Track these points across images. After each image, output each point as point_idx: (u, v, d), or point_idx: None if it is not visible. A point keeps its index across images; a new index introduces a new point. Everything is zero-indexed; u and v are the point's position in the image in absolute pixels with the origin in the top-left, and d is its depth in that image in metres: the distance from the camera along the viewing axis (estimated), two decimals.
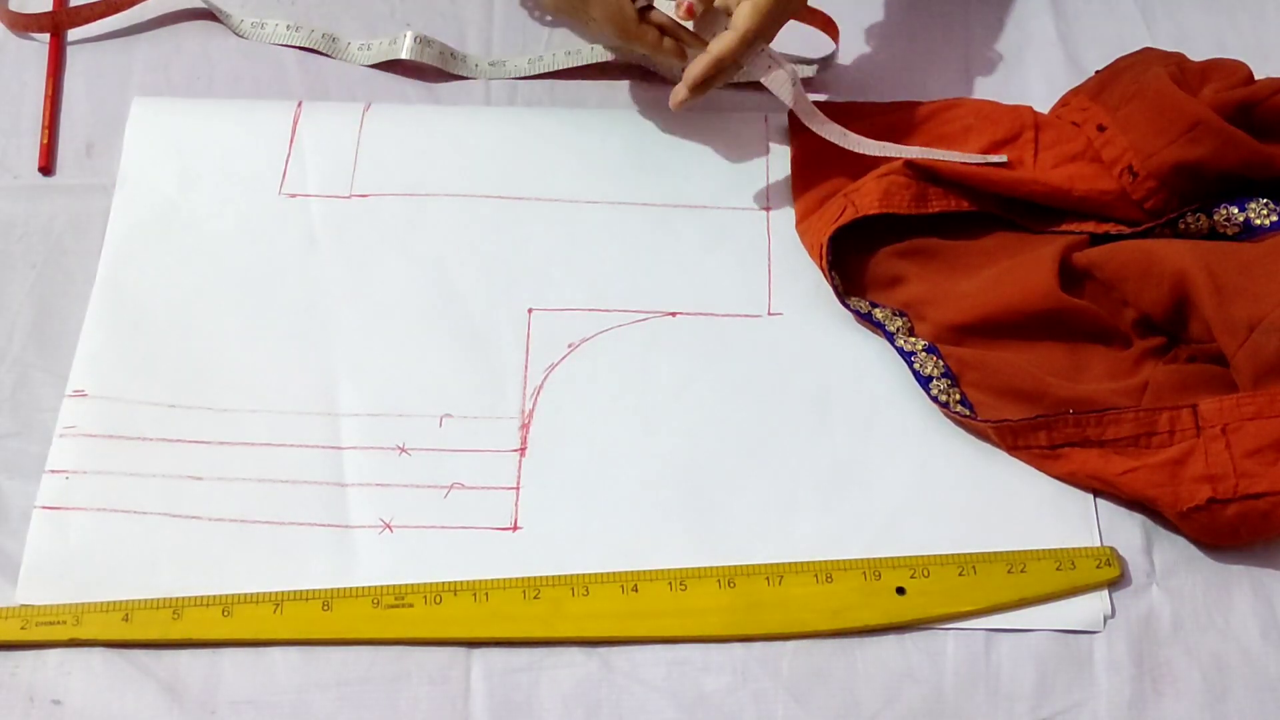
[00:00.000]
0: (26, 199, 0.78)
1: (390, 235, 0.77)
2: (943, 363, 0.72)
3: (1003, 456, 0.70)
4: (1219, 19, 0.89)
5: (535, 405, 0.71)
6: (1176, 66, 0.77)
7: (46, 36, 0.84)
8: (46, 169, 0.79)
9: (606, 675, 0.63)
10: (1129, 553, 0.67)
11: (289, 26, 0.85)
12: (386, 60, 0.83)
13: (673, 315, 0.75)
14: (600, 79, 0.84)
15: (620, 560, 0.66)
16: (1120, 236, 0.75)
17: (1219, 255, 0.71)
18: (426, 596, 0.65)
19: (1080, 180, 0.75)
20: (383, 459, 0.69)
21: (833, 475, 0.69)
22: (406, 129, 0.81)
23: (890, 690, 0.63)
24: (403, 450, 0.70)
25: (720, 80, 0.77)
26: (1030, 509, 0.68)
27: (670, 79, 0.82)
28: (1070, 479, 0.69)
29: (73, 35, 0.85)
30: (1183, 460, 0.66)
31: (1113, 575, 0.66)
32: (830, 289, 0.74)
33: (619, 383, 0.72)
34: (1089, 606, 0.65)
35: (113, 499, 0.67)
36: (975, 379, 0.71)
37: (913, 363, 0.72)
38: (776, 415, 0.71)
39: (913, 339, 0.73)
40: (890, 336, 0.73)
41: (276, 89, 0.83)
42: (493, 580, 0.65)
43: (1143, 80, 0.76)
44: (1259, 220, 0.73)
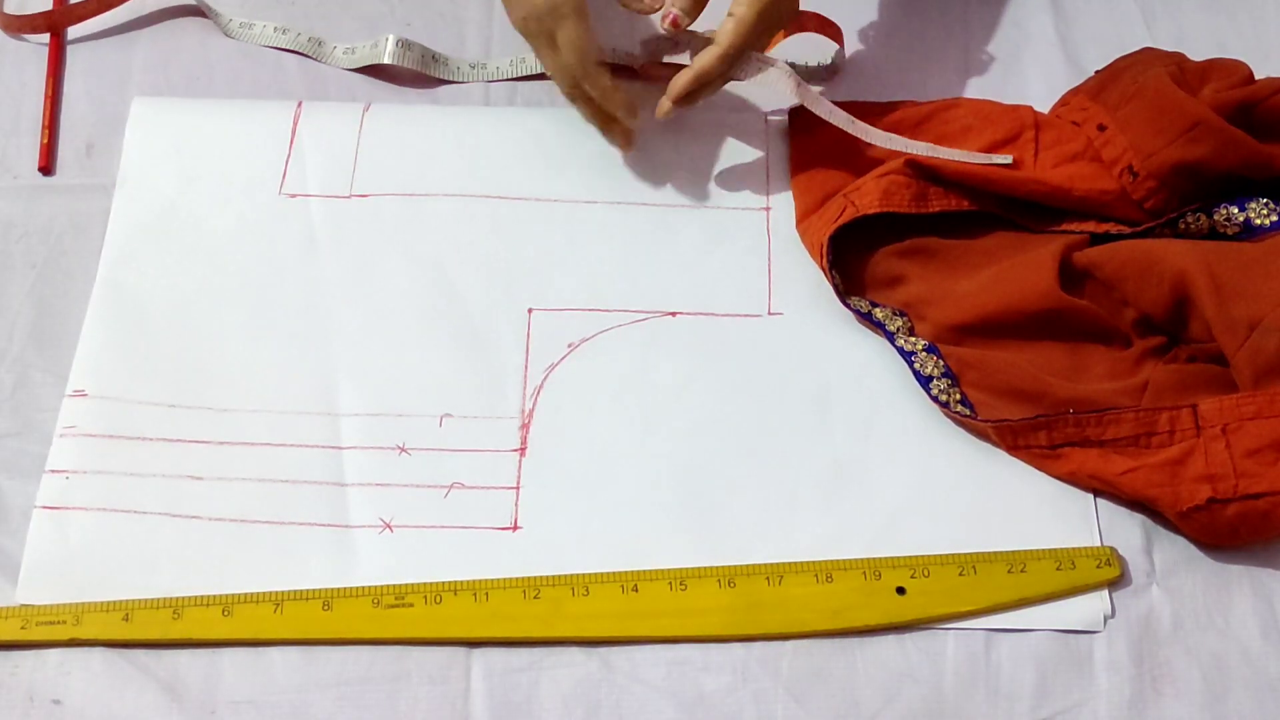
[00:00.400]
0: (26, 199, 0.78)
1: (390, 235, 0.77)
2: (943, 362, 0.72)
3: (1003, 456, 0.70)
4: (1219, 19, 0.89)
5: (535, 405, 0.71)
6: (1176, 66, 0.77)
7: (46, 37, 0.84)
8: (46, 169, 0.79)
9: (606, 675, 0.63)
10: (1129, 553, 0.67)
11: (276, 29, 0.85)
12: (370, 65, 0.83)
13: (673, 315, 0.75)
14: None
15: (620, 560, 0.66)
16: (1120, 236, 0.75)
17: (1219, 255, 0.71)
18: (426, 596, 0.65)
19: (1080, 180, 0.75)
20: (383, 459, 0.69)
21: (833, 475, 0.69)
22: (406, 129, 0.81)
23: (890, 690, 0.63)
24: (403, 450, 0.70)
25: (705, 94, 0.77)
26: (1030, 509, 0.68)
27: (609, 127, 0.80)
28: (1070, 479, 0.69)
29: (72, 35, 0.85)
30: (1183, 460, 0.66)
31: (1113, 575, 0.66)
32: (830, 288, 0.74)
33: (619, 383, 0.72)
34: (1089, 606, 0.65)
35: (113, 499, 0.67)
36: (975, 379, 0.71)
37: (913, 362, 0.71)
38: (776, 415, 0.71)
39: (913, 339, 0.73)
40: (890, 336, 0.73)
41: (276, 89, 0.83)
42: (493, 580, 0.65)
43: (1143, 80, 0.76)
44: (1259, 220, 0.73)
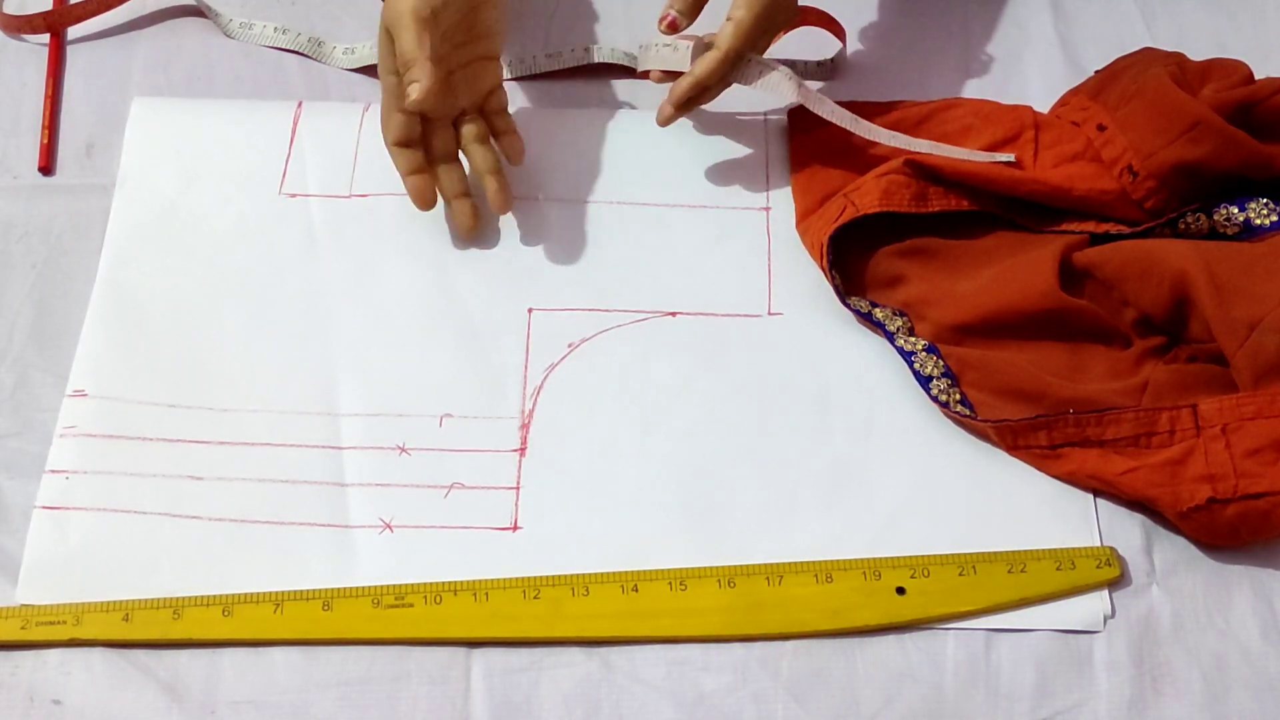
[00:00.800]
0: (26, 199, 0.78)
1: (390, 235, 0.77)
2: (943, 362, 0.71)
3: (1003, 456, 0.70)
4: (1219, 19, 0.89)
5: (535, 405, 0.71)
6: (1176, 66, 0.77)
7: (46, 37, 0.84)
8: (46, 169, 0.79)
9: (606, 675, 0.63)
10: (1129, 553, 0.67)
11: (276, 29, 0.85)
12: (370, 65, 0.83)
13: (673, 315, 0.75)
14: (598, 79, 0.84)
15: (620, 560, 0.66)
16: (1120, 236, 0.75)
17: (1219, 255, 0.71)
18: (426, 596, 0.65)
19: (1080, 180, 0.75)
20: (383, 459, 0.69)
21: (833, 475, 0.69)
22: None
23: (890, 690, 0.63)
24: (403, 450, 0.70)
25: (706, 99, 0.77)
26: (1030, 509, 0.68)
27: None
28: (1070, 479, 0.69)
29: (72, 35, 0.85)
30: (1183, 460, 0.66)
31: (1113, 575, 0.66)
32: (830, 288, 0.74)
33: (619, 383, 0.72)
34: (1089, 606, 0.65)
35: (113, 499, 0.67)
36: (975, 379, 0.71)
37: (913, 362, 0.71)
38: (776, 415, 0.71)
39: (913, 339, 0.72)
40: (890, 336, 0.73)
41: (277, 89, 0.83)
42: (493, 580, 0.65)
43: (1143, 80, 0.76)
44: (1259, 220, 0.73)
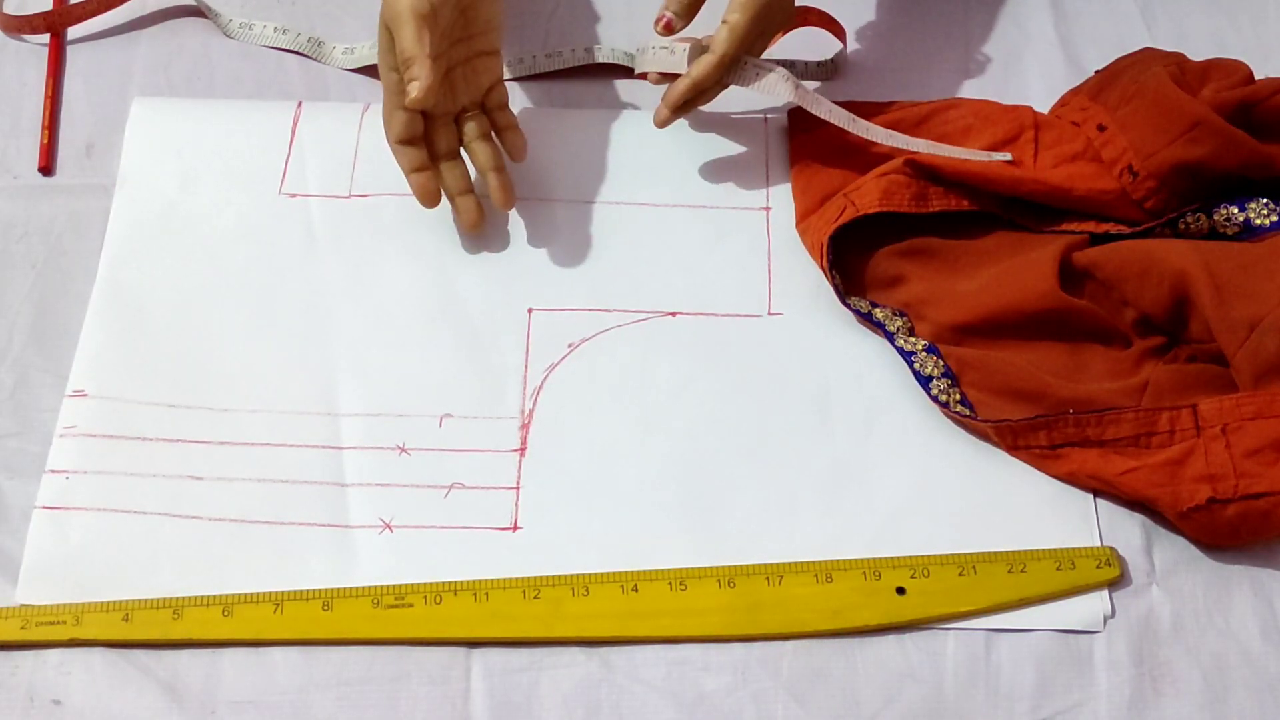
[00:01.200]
0: (26, 199, 0.78)
1: (390, 235, 0.77)
2: (943, 362, 0.71)
3: (1003, 456, 0.70)
4: (1219, 19, 0.89)
5: (535, 405, 0.71)
6: (1176, 66, 0.77)
7: (46, 37, 0.84)
8: (46, 169, 0.79)
9: (606, 675, 0.63)
10: (1129, 553, 0.67)
11: (276, 29, 0.85)
12: (370, 65, 0.83)
13: (673, 315, 0.75)
14: (598, 79, 0.84)
15: (620, 560, 0.66)
16: (1120, 236, 0.75)
17: (1219, 255, 0.71)
18: (426, 596, 0.65)
19: (1080, 180, 0.75)
20: (383, 459, 0.69)
21: (833, 475, 0.69)
22: None
23: (890, 690, 0.63)
24: (403, 450, 0.70)
25: (702, 101, 0.77)
26: (1030, 509, 0.68)
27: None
28: (1070, 479, 0.69)
29: (72, 35, 0.85)
30: (1183, 460, 0.66)
31: (1113, 575, 0.66)
32: (830, 288, 0.74)
33: (619, 383, 0.72)
34: (1089, 606, 0.65)
35: (113, 499, 0.67)
36: (975, 379, 0.71)
37: (913, 362, 0.71)
38: (776, 415, 0.71)
39: (913, 339, 0.72)
40: (890, 336, 0.73)
41: (277, 89, 0.83)
42: (493, 580, 0.65)
43: (1143, 80, 0.76)
44: (1259, 220, 0.73)
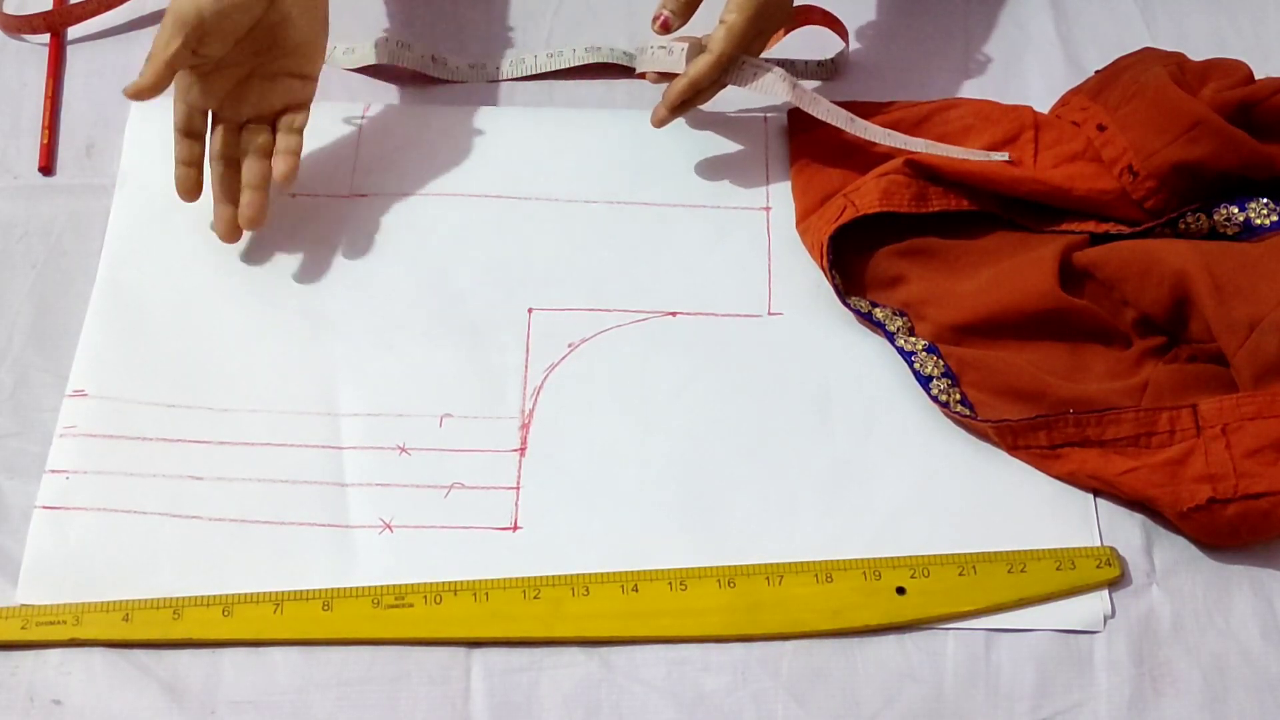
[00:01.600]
0: (26, 199, 0.78)
1: (390, 235, 0.77)
2: (943, 362, 0.71)
3: (1003, 456, 0.70)
4: (1219, 19, 0.89)
5: (535, 405, 0.71)
6: (1176, 66, 0.77)
7: (46, 37, 0.84)
8: (46, 169, 0.79)
9: (606, 675, 0.63)
10: (1129, 553, 0.67)
11: None
12: (370, 65, 0.83)
13: (673, 315, 0.75)
14: (599, 79, 0.84)
15: (620, 560, 0.66)
16: (1120, 236, 0.75)
17: (1219, 255, 0.71)
18: (426, 596, 0.65)
19: (1080, 180, 0.75)
20: (383, 459, 0.69)
21: (833, 475, 0.69)
22: (406, 129, 0.81)
23: (890, 690, 0.63)
24: (403, 450, 0.70)
25: (700, 101, 0.77)
26: (1030, 509, 0.68)
27: None
28: (1070, 479, 0.69)
29: (72, 35, 0.85)
30: (1183, 460, 0.66)
31: (1113, 575, 0.66)
32: (830, 288, 0.74)
33: (619, 383, 0.72)
34: (1089, 606, 0.65)
35: (113, 499, 0.67)
36: (975, 379, 0.71)
37: (913, 362, 0.71)
38: (776, 415, 0.71)
39: (913, 339, 0.72)
40: (890, 336, 0.73)
41: None
42: (493, 580, 0.65)
43: (1143, 80, 0.76)
44: (1259, 220, 0.73)
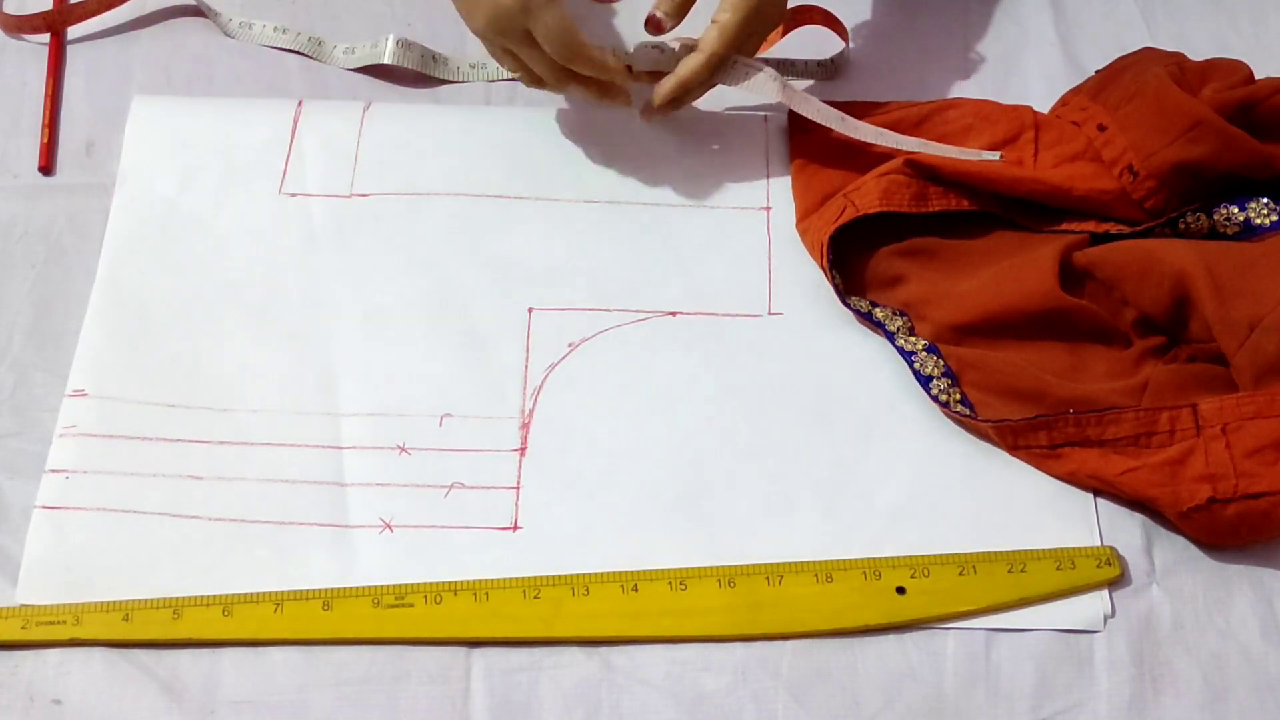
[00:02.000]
0: (26, 199, 0.78)
1: (390, 235, 0.77)
2: (943, 362, 0.71)
3: (1003, 456, 0.70)
4: (1219, 19, 0.89)
5: (535, 405, 0.71)
6: (1177, 66, 0.77)
7: (46, 37, 0.84)
8: (46, 169, 0.79)
9: (606, 675, 0.63)
10: (1129, 553, 0.67)
11: (276, 28, 0.85)
12: (370, 65, 0.83)
13: (673, 315, 0.75)
14: None
15: (620, 560, 0.66)
16: (1120, 236, 0.75)
17: (1219, 255, 0.71)
18: (426, 596, 0.65)
19: (1080, 180, 0.75)
20: (383, 459, 0.69)
21: (833, 475, 0.69)
22: (407, 129, 0.81)
23: (890, 690, 0.63)
24: (403, 450, 0.70)
25: (689, 100, 0.77)
26: (1030, 509, 0.68)
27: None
28: (1070, 479, 0.69)
29: (72, 34, 0.85)
30: (1183, 460, 0.66)
31: (1113, 575, 0.66)
32: (830, 288, 0.74)
33: (619, 383, 0.72)
34: (1089, 606, 0.65)
35: (113, 499, 0.67)
36: (975, 379, 0.71)
37: (913, 362, 0.71)
38: (776, 415, 0.71)
39: (913, 338, 0.72)
40: (890, 336, 0.73)
41: (277, 88, 0.83)
42: (493, 580, 0.65)
43: (1143, 80, 0.76)
44: (1259, 220, 0.73)
